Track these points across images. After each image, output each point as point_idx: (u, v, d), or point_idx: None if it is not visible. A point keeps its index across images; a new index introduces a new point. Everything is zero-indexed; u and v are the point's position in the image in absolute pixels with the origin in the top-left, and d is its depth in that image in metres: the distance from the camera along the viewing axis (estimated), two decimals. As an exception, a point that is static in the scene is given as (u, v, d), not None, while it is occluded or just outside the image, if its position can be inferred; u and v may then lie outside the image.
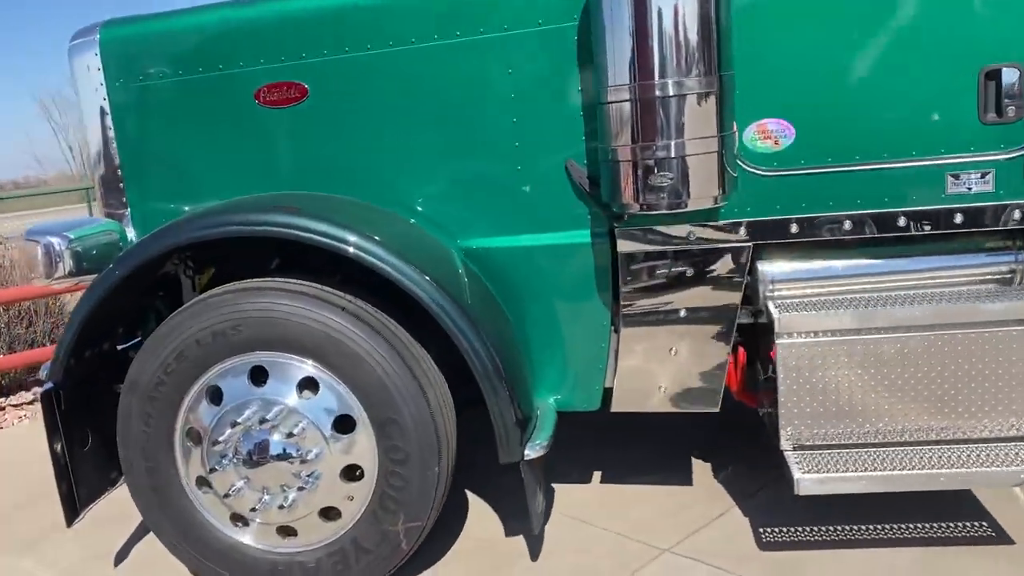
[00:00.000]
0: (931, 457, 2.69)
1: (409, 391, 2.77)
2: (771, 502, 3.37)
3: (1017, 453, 2.67)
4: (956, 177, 2.72)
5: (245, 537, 2.96)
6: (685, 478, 3.68)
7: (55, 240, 2.97)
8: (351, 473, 2.86)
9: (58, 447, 2.98)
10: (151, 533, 3.55)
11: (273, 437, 2.82)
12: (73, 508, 3.04)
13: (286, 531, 2.93)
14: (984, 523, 3.05)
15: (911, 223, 2.77)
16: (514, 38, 2.89)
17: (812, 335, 2.74)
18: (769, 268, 2.92)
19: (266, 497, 2.86)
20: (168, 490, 2.96)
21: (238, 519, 2.95)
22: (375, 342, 2.76)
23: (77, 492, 3.06)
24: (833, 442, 2.77)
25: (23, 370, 6.07)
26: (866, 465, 2.69)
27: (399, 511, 2.85)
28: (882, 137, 2.74)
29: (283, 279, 2.87)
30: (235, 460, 2.84)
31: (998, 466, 2.63)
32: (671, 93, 2.53)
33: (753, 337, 3.05)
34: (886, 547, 2.96)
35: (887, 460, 2.69)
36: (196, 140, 3.22)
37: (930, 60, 2.67)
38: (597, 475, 3.79)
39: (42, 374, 2.99)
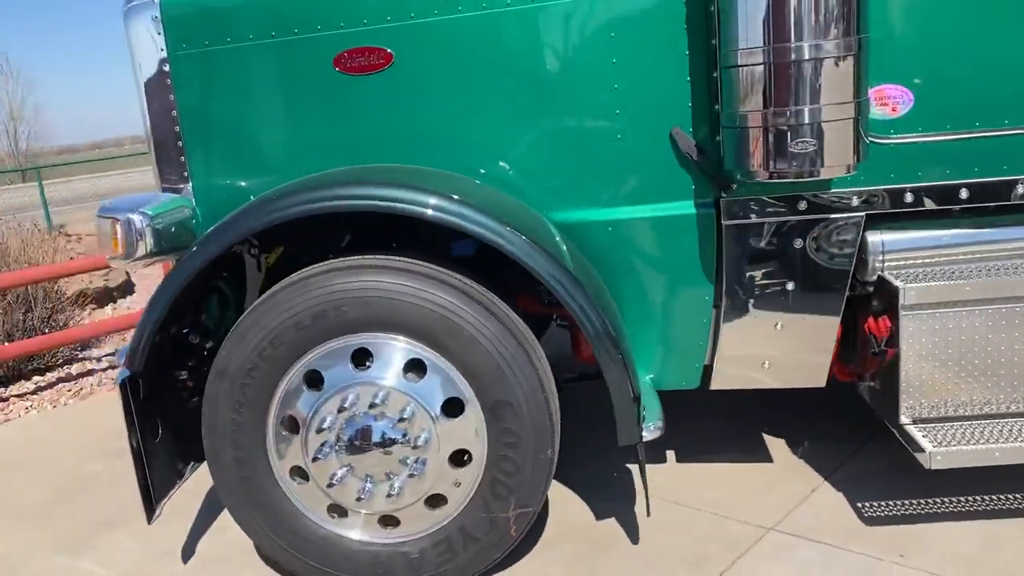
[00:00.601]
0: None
1: (524, 372, 2.64)
2: (858, 476, 3.32)
3: None
4: (1079, 144, 2.68)
5: (344, 528, 2.80)
6: (762, 455, 3.62)
7: (136, 217, 2.75)
8: (459, 458, 2.72)
9: (135, 440, 2.78)
10: (216, 527, 3.40)
11: (379, 422, 2.66)
12: (150, 504, 2.85)
13: (388, 520, 2.79)
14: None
15: (1026, 190, 2.73)
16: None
17: (938, 306, 2.67)
18: (880, 238, 2.84)
19: (369, 485, 2.71)
20: (259, 481, 2.78)
21: (336, 510, 2.79)
22: (488, 322, 2.62)
23: (152, 486, 2.87)
24: (954, 414, 2.72)
25: (22, 359, 5.76)
26: (993, 436, 2.65)
27: (510, 497, 2.73)
28: (1003, 104, 2.68)
29: (385, 256, 2.70)
30: (337, 448, 2.68)
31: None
32: (809, 56, 2.42)
33: (852, 309, 2.97)
34: (998, 518, 2.93)
35: (1013, 431, 2.65)
36: (267, 110, 3.01)
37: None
38: (671, 454, 3.71)
39: (118, 360, 2.78)
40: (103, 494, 3.87)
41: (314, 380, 2.70)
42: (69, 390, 5.53)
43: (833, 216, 2.81)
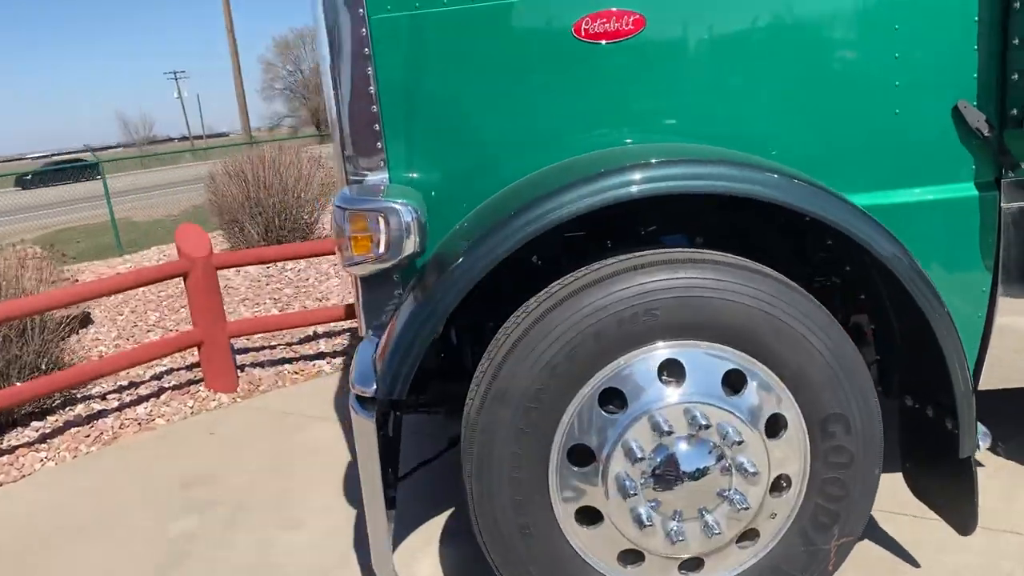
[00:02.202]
0: None
1: (858, 377, 2.28)
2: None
3: None
4: None
5: (635, 577, 2.34)
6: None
7: (402, 208, 2.21)
8: (778, 484, 2.32)
9: (382, 491, 2.24)
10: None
11: (693, 448, 2.23)
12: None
13: (692, 564, 2.35)
14: None
15: None
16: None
17: None
18: None
19: (678, 524, 2.26)
20: (539, 526, 2.28)
21: (630, 556, 2.32)
22: (816, 319, 2.24)
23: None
24: None
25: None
26: None
27: (834, 525, 2.35)
28: None
29: (692, 250, 2.29)
30: (643, 481, 2.23)
31: None
32: None
33: None
34: None
35: None
36: (488, 84, 2.53)
37: None
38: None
39: (359, 385, 2.23)
40: (218, 562, 3.22)
41: (611, 400, 2.24)
42: (86, 435, 4.72)
43: None
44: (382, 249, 2.21)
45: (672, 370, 2.24)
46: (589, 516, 2.30)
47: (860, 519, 2.37)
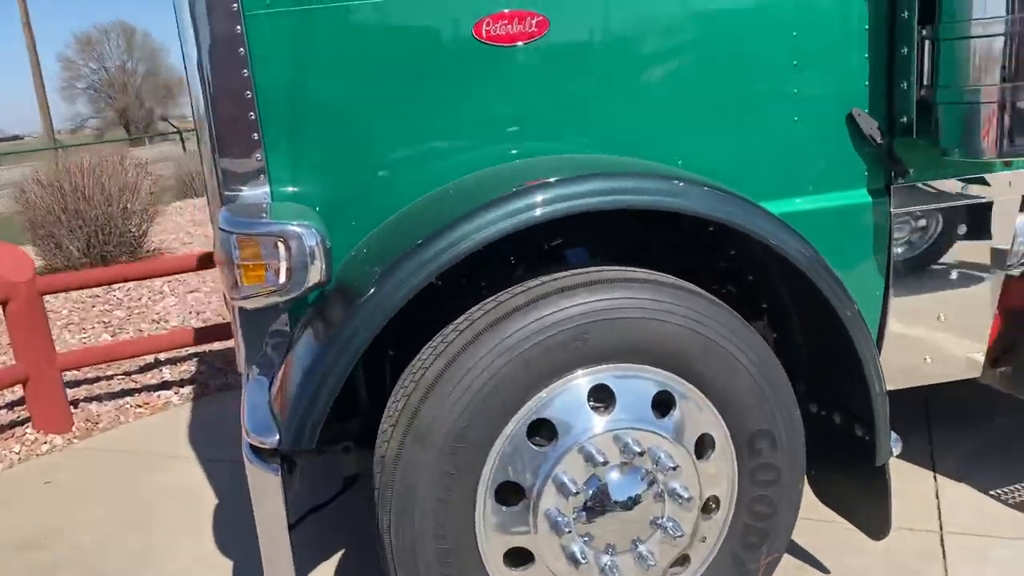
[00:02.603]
0: None
1: (783, 392, 2.24)
2: (956, 465, 3.29)
3: None
4: None
5: (568, 621, 2.18)
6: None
7: (305, 232, 1.92)
8: (707, 507, 2.24)
9: (287, 544, 1.97)
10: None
11: (626, 477, 2.10)
12: None
13: (623, 600, 2.22)
14: None
15: None
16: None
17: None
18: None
19: (611, 559, 2.13)
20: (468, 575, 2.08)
21: (561, 596, 2.17)
22: (743, 335, 2.18)
23: None
24: None
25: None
26: None
27: (762, 544, 2.30)
28: None
29: (618, 268, 2.16)
30: (575, 516, 2.08)
31: None
32: (1057, 26, 2.30)
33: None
34: None
35: None
36: (383, 89, 2.31)
37: None
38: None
39: (263, 438, 1.93)
40: None
41: (540, 432, 2.08)
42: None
43: (995, 199, 2.73)
44: (282, 279, 1.93)
45: (601, 396, 2.11)
46: (520, 558, 2.12)
47: (786, 535, 2.34)
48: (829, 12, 2.52)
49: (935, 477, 3.24)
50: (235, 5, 2.19)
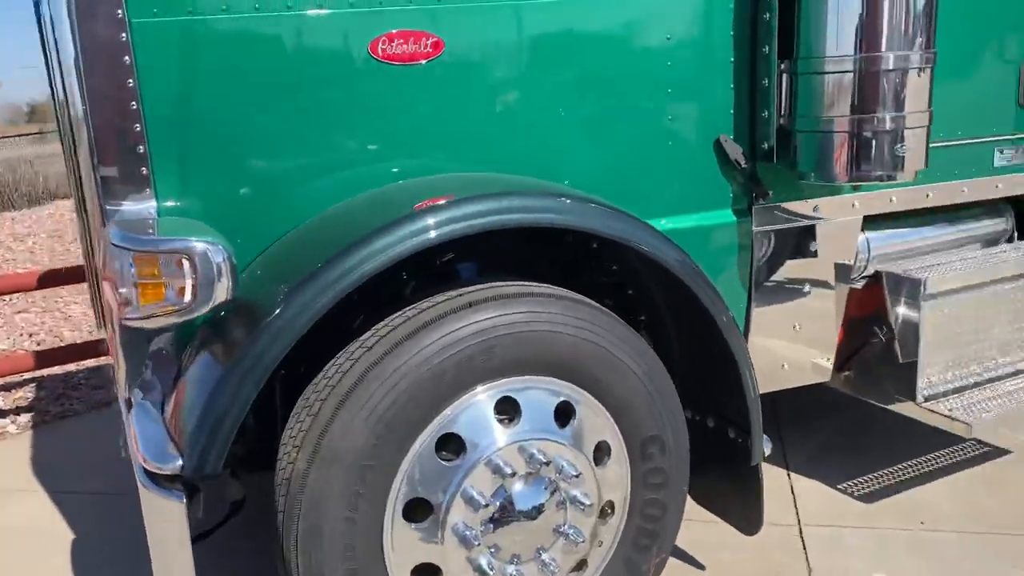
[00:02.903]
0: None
1: (670, 398, 2.38)
2: (805, 462, 3.59)
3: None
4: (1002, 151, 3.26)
5: (473, 631, 2.21)
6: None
7: (211, 248, 1.83)
8: (603, 511, 2.33)
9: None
10: None
11: (531, 487, 2.17)
12: None
13: (524, 607, 2.27)
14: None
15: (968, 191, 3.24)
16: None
17: (947, 293, 3.02)
18: (868, 236, 3.13)
19: (515, 569, 2.18)
20: (375, 598, 2.07)
21: (467, 610, 2.19)
22: (634, 345, 2.30)
23: None
24: (962, 385, 3.09)
25: None
26: (986, 399, 3.07)
27: (652, 546, 2.43)
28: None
29: (520, 283, 2.22)
30: (483, 528, 2.12)
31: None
32: (896, 66, 2.58)
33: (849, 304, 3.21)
34: (957, 471, 3.41)
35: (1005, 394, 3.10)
36: (277, 104, 2.27)
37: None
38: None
39: (163, 465, 1.84)
40: None
41: (447, 447, 2.10)
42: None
43: (843, 219, 3.03)
44: (187, 298, 1.85)
45: (505, 408, 2.16)
46: (428, 572, 2.13)
47: (674, 535, 2.48)
48: (698, 45, 2.70)
49: (788, 474, 3.52)
50: (120, 12, 2.09)
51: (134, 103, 2.13)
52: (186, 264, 1.83)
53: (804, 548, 2.99)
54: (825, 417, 3.97)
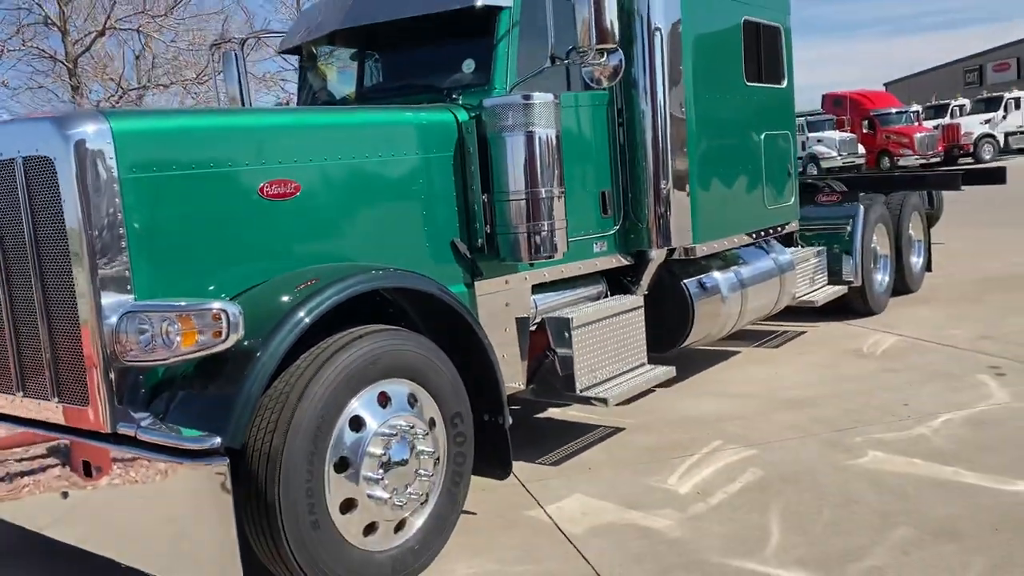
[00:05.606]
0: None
1: (460, 387, 3.98)
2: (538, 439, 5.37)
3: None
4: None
5: (374, 543, 3.54)
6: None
7: (230, 306, 3.06)
8: (436, 461, 3.83)
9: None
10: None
11: (402, 447, 3.60)
12: None
13: (399, 526, 3.65)
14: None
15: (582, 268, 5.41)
16: (422, 160, 4.43)
17: (584, 325, 5.05)
18: (535, 298, 5.10)
19: (396, 498, 3.58)
20: (325, 527, 3.33)
21: (371, 529, 3.52)
22: (440, 354, 3.89)
23: None
24: (599, 380, 5.12)
25: None
26: (614, 385, 5.14)
27: (461, 481, 3.97)
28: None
29: (381, 325, 3.70)
30: (378, 473, 3.50)
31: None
32: (547, 195, 4.58)
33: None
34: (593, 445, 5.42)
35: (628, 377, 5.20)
36: (208, 229, 3.56)
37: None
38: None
39: (210, 443, 2.96)
40: None
41: (357, 423, 3.48)
42: None
43: (525, 285, 4.96)
44: (225, 337, 3.06)
45: (383, 398, 3.61)
46: (349, 504, 3.45)
47: (469, 475, 4.04)
48: (436, 185, 4.48)
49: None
50: (115, 171, 3.25)
51: (122, 229, 3.27)
52: (223, 316, 3.05)
53: (526, 489, 4.71)
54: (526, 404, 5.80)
